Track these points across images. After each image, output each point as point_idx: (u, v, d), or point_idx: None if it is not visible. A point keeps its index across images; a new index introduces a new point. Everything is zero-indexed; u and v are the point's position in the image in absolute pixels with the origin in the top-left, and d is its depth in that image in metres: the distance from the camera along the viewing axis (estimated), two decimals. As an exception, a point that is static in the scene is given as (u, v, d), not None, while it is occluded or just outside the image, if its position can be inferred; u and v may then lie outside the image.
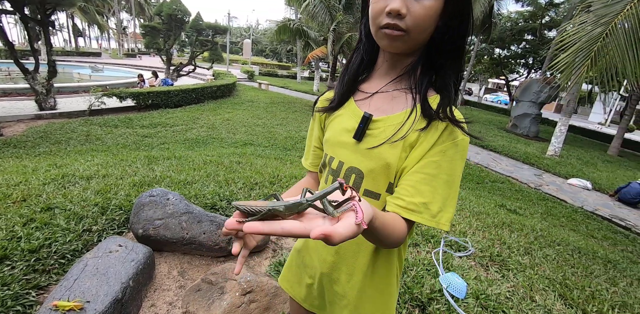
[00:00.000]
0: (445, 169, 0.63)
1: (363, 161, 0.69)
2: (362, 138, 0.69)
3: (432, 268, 2.22)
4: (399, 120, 0.66)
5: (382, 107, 0.70)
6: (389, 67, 0.71)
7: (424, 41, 0.65)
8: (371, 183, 0.69)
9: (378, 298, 0.77)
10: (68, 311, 1.31)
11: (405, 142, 0.65)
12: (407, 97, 0.68)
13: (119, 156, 4.09)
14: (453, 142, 0.63)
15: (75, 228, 2.00)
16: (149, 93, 9.37)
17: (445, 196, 0.63)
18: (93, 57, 29.41)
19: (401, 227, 0.61)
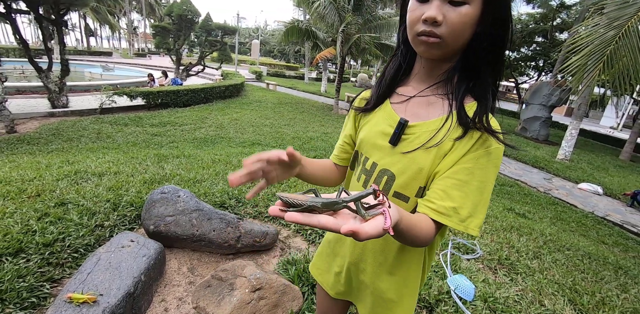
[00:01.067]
0: (477, 176, 0.64)
1: (396, 165, 0.71)
2: (398, 143, 0.71)
3: (440, 269, 2.22)
4: (435, 126, 0.67)
5: (419, 113, 0.71)
6: (426, 72, 0.72)
7: (461, 47, 0.66)
8: (402, 186, 0.70)
9: (402, 289, 0.80)
10: (82, 304, 1.34)
11: (440, 149, 0.66)
12: (443, 103, 0.69)
13: (130, 154, 4.15)
14: (486, 150, 0.64)
15: (88, 223, 2.03)
16: (158, 93, 9.48)
17: (476, 202, 0.64)
18: (104, 56, 29.86)
19: (428, 229, 0.62)
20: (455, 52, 0.67)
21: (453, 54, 0.67)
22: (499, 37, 0.65)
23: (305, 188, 2.54)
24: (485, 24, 0.63)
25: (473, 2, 0.61)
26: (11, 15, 7.20)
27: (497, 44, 0.65)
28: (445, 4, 0.61)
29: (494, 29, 0.64)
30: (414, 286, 0.81)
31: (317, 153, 6.20)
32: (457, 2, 0.60)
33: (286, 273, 1.86)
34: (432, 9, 0.61)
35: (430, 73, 0.71)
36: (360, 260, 0.82)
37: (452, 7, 0.61)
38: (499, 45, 0.66)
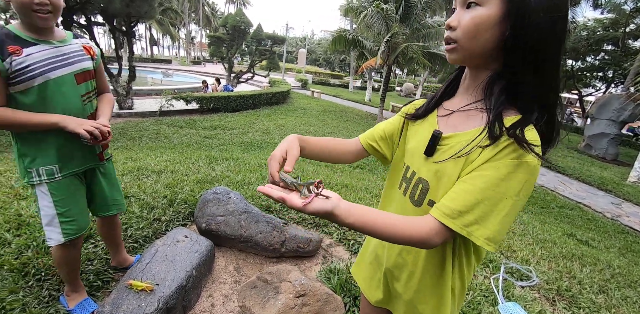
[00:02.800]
0: (494, 185, 0.60)
1: (430, 174, 0.72)
2: (433, 154, 0.72)
3: (490, 294, 2.06)
4: (468, 137, 0.67)
5: (457, 125, 0.72)
6: (468, 84, 0.72)
7: (482, 50, 0.64)
8: (434, 194, 0.71)
9: (434, 303, 0.79)
10: (140, 291, 1.43)
11: (468, 158, 0.65)
12: (482, 115, 0.67)
13: (184, 154, 4.44)
14: (513, 161, 0.60)
15: (147, 216, 2.19)
16: (211, 98, 10.09)
17: (486, 211, 0.61)
18: (165, 63, 32.52)
19: (414, 227, 0.63)
20: (476, 56, 0.65)
21: (474, 58, 0.66)
22: (538, 41, 0.59)
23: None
24: (514, 26, 0.59)
25: (487, 3, 0.60)
26: (90, 27, 8.15)
27: (539, 50, 0.60)
28: (463, 9, 0.63)
29: (528, 32, 0.59)
30: (448, 302, 0.79)
31: (360, 163, 6.16)
32: (469, 4, 0.62)
33: (328, 281, 1.84)
34: (451, 17, 0.64)
35: (472, 84, 0.70)
36: (395, 266, 0.83)
37: (466, 10, 0.62)
38: (542, 50, 0.60)
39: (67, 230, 1.33)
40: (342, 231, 2.45)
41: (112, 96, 1.51)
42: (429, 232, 0.63)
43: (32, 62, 1.15)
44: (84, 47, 1.32)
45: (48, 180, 1.27)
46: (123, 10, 7.72)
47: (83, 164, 1.37)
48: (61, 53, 1.23)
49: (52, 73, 1.19)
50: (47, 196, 1.29)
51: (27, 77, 1.14)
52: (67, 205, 1.32)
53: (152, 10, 8.38)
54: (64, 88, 1.23)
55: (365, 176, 4.87)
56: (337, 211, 0.61)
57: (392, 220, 0.64)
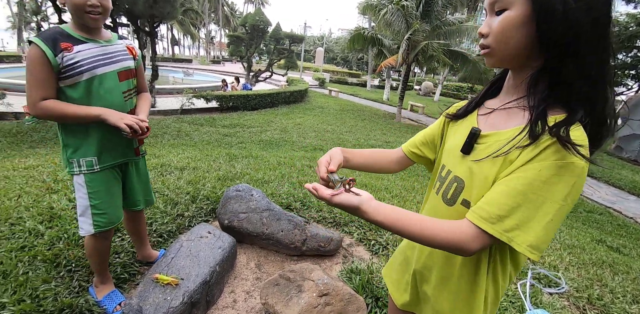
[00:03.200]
0: (536, 189, 0.57)
1: (465, 173, 0.70)
2: (470, 152, 0.71)
3: (517, 301, 1.99)
4: (507, 136, 0.64)
5: (497, 123, 0.71)
6: (512, 83, 0.70)
7: (517, 51, 0.63)
8: (468, 193, 0.69)
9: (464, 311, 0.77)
10: (166, 285, 1.46)
11: (506, 158, 0.62)
12: (524, 114, 0.65)
13: (205, 151, 4.51)
14: (556, 163, 0.56)
15: (171, 211, 2.23)
16: (230, 96, 10.24)
17: (528, 217, 0.57)
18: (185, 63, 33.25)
19: (442, 229, 0.62)
20: (513, 57, 0.65)
21: (512, 60, 0.65)
22: (573, 33, 0.57)
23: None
24: (543, 22, 0.58)
25: (513, 5, 0.60)
26: (116, 28, 8.42)
27: (575, 42, 0.57)
28: (492, 16, 0.65)
29: (559, 26, 0.57)
30: (480, 311, 0.75)
31: (378, 162, 6.10)
32: (498, 12, 0.63)
33: (350, 281, 1.82)
34: (483, 25, 0.66)
35: (515, 83, 0.69)
36: (425, 267, 0.82)
37: (496, 17, 0.64)
38: (578, 42, 0.57)
39: (98, 222, 1.38)
40: (362, 231, 2.43)
41: (149, 95, 1.59)
42: (465, 237, 0.61)
43: (81, 58, 1.23)
44: (127, 47, 1.40)
45: (87, 170, 1.33)
46: (146, 11, 7.94)
47: (120, 157, 1.43)
48: (107, 52, 1.31)
49: (98, 70, 1.27)
50: (82, 188, 1.35)
51: (75, 72, 1.22)
52: (100, 198, 1.37)
53: (174, 10, 8.58)
54: (107, 85, 1.30)
55: (384, 176, 4.81)
56: (364, 207, 0.63)
57: (425, 221, 0.63)
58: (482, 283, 0.72)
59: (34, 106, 1.21)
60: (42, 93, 1.20)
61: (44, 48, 1.17)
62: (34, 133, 6.37)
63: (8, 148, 5.49)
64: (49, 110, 1.21)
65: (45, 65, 1.18)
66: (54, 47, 1.19)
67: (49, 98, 1.22)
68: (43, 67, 1.18)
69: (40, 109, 1.21)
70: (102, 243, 1.45)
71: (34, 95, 1.20)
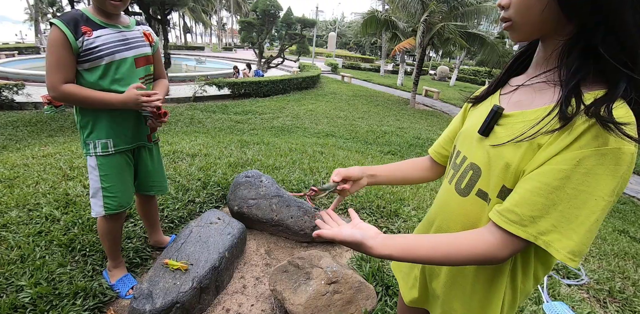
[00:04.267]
0: (576, 183, 0.48)
1: (483, 159, 0.62)
2: (489, 134, 0.62)
3: (535, 292, 1.93)
4: (535, 116, 0.55)
5: (522, 101, 0.61)
6: (541, 55, 0.61)
7: (541, 20, 0.54)
8: (485, 183, 0.61)
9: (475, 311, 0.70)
10: (176, 270, 1.46)
11: (533, 142, 0.54)
12: (555, 90, 0.55)
13: (217, 138, 4.52)
14: (597, 150, 0.47)
15: (182, 198, 2.25)
16: (242, 83, 10.19)
17: (568, 217, 0.49)
18: (198, 50, 33.22)
19: (462, 247, 0.56)
20: (538, 29, 0.56)
21: (537, 32, 0.57)
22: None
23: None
24: None
25: None
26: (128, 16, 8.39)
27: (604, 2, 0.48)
28: None
29: None
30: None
31: (391, 148, 5.99)
32: None
33: (359, 269, 1.80)
34: None
35: (544, 57, 0.59)
36: None
37: None
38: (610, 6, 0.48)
39: (108, 204, 1.40)
40: (373, 218, 2.39)
41: (167, 82, 1.59)
42: (491, 247, 0.54)
43: (100, 43, 1.24)
44: (144, 33, 1.40)
45: (102, 152, 1.36)
46: (157, -2, 7.86)
47: (133, 142, 1.45)
48: (125, 38, 1.31)
49: (116, 56, 1.28)
50: (94, 170, 1.37)
51: (94, 57, 1.23)
52: (111, 181, 1.39)
53: (185, -4, 8.46)
54: (124, 70, 1.31)
55: (396, 163, 4.72)
56: (369, 243, 0.59)
57: (442, 241, 0.58)
58: (501, 285, 0.64)
59: (55, 89, 1.21)
60: (63, 75, 1.20)
61: (65, 31, 1.17)
62: (52, 122, 6.53)
63: (28, 137, 5.66)
64: (71, 93, 1.21)
65: (66, 47, 1.18)
66: (75, 30, 1.19)
67: (69, 82, 1.22)
68: (64, 50, 1.18)
69: (62, 92, 1.21)
70: (113, 225, 1.48)
71: (55, 77, 1.19)
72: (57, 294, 1.45)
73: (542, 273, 0.65)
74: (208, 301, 1.52)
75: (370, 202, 2.55)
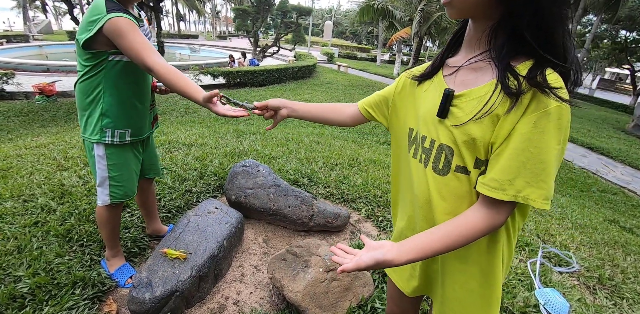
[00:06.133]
0: (536, 142, 0.57)
1: (450, 138, 0.67)
2: (447, 115, 0.68)
3: (527, 279, 1.97)
4: (483, 92, 0.63)
5: (467, 80, 0.68)
6: (471, 36, 0.68)
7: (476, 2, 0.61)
8: (460, 159, 0.67)
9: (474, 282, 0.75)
10: (174, 259, 1.47)
11: (492, 115, 0.61)
12: (492, 66, 0.63)
13: (212, 128, 4.48)
14: (544, 111, 0.56)
15: (179, 187, 2.24)
16: (237, 73, 10.04)
17: (536, 171, 0.58)
18: (192, 39, 32.53)
19: (467, 227, 0.63)
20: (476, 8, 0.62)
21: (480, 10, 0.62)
22: None
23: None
24: None
25: None
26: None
27: None
28: None
29: None
30: (490, 280, 0.73)
31: (388, 138, 5.99)
32: None
33: (357, 256, 1.82)
34: None
35: (475, 37, 0.66)
36: None
37: None
38: None
39: (114, 194, 1.41)
40: (370, 207, 2.41)
41: None
42: (489, 217, 0.62)
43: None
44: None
45: (119, 141, 1.35)
46: (149, -17, 7.63)
47: (145, 132, 1.47)
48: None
49: None
50: (102, 160, 1.36)
51: None
52: (119, 171, 1.39)
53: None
54: None
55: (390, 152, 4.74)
56: (388, 257, 0.63)
57: (448, 231, 0.64)
58: (499, 245, 0.70)
59: (157, 65, 1.11)
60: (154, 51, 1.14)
61: (130, 17, 1.16)
62: (44, 112, 6.41)
63: (20, 127, 5.56)
64: (167, 72, 1.10)
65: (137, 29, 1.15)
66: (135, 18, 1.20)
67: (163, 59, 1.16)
68: (138, 31, 1.15)
69: (161, 70, 1.10)
70: (114, 213, 1.49)
71: (151, 54, 1.12)
72: (56, 284, 1.45)
73: (522, 222, 0.73)
74: (207, 289, 1.53)
75: (367, 192, 2.56)
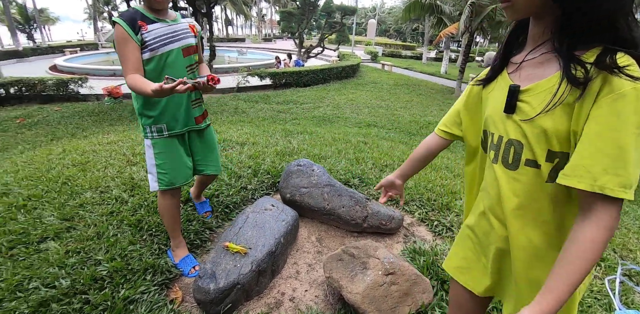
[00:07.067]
0: (612, 126, 0.55)
1: (520, 132, 0.67)
2: (515, 110, 0.68)
3: (604, 298, 1.76)
4: (551, 84, 0.63)
5: (532, 74, 0.68)
6: (534, 33, 0.69)
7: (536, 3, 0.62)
8: (530, 153, 0.67)
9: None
10: (235, 253, 1.52)
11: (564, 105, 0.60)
12: (557, 58, 0.63)
13: (261, 127, 4.61)
14: (618, 93, 0.54)
15: (235, 184, 2.32)
16: (283, 73, 10.28)
17: (614, 157, 0.55)
18: (239, 42, 33.96)
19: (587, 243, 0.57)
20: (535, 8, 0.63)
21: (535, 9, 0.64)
22: None
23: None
24: None
25: None
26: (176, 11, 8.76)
27: None
28: None
29: None
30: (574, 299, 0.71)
31: (436, 139, 5.76)
32: None
33: (413, 261, 1.75)
34: None
35: (538, 32, 0.67)
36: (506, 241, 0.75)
37: None
38: None
39: (161, 180, 1.55)
40: (424, 210, 2.31)
41: (205, 65, 1.72)
42: (603, 222, 0.57)
43: (154, 36, 1.39)
44: (189, 25, 1.52)
45: (158, 136, 1.51)
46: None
47: (184, 126, 1.57)
48: (173, 30, 1.45)
49: (166, 47, 1.42)
50: (150, 149, 1.54)
51: (149, 49, 1.38)
52: (163, 159, 1.53)
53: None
54: (173, 60, 1.44)
55: (442, 154, 4.53)
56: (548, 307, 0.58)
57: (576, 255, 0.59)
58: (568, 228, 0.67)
59: (125, 78, 1.35)
60: (129, 67, 1.35)
61: (126, 28, 1.32)
62: (112, 112, 7.06)
63: (92, 125, 6.18)
64: (130, 83, 1.32)
65: (129, 42, 1.33)
66: (133, 26, 1.34)
67: (135, 72, 1.34)
68: (128, 44, 1.33)
69: (127, 82, 1.34)
70: (169, 202, 1.60)
71: (124, 68, 1.35)
72: (130, 269, 1.57)
73: None
74: (264, 284, 1.57)
75: (420, 194, 2.46)
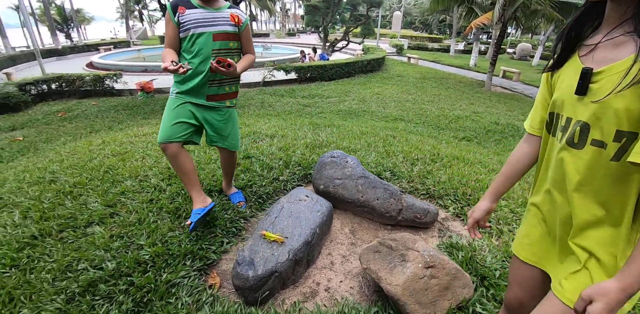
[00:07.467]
0: None
1: (589, 114, 0.67)
2: (586, 92, 0.68)
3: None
4: (625, 66, 0.61)
5: (606, 57, 0.67)
6: (610, 15, 0.67)
7: None
8: (598, 133, 0.67)
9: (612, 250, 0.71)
10: (272, 241, 1.54)
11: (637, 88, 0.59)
12: (634, 39, 0.61)
13: (288, 121, 4.63)
14: None
15: (267, 175, 2.34)
16: (308, 67, 10.26)
17: None
18: (263, 37, 34.15)
19: None
20: None
21: None
22: None
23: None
24: None
25: None
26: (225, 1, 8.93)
27: None
28: None
29: None
30: None
31: (467, 134, 5.56)
32: None
33: (450, 256, 1.71)
34: None
35: (616, 13, 0.65)
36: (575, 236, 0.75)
37: None
38: None
39: (160, 134, 1.71)
40: (459, 205, 2.24)
41: (253, 57, 1.86)
42: None
43: (187, 19, 1.63)
44: (231, 15, 1.70)
45: (172, 96, 1.75)
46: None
47: (192, 98, 1.73)
48: (210, 17, 1.65)
49: (198, 30, 1.64)
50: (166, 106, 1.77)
51: (184, 29, 1.63)
52: (165, 115, 1.72)
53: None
54: (202, 41, 1.65)
55: (474, 149, 4.36)
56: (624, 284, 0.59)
57: None
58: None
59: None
60: (166, 42, 1.67)
61: (169, 10, 1.63)
62: (145, 106, 7.33)
63: (127, 119, 6.44)
64: (162, 55, 1.64)
65: (169, 22, 1.64)
66: (174, 10, 1.63)
67: (168, 47, 1.66)
68: (168, 24, 1.65)
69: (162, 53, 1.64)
70: (168, 155, 1.70)
71: (165, 44, 1.68)
72: (170, 254, 1.63)
73: None
74: (300, 273, 1.58)
75: (455, 189, 2.39)
